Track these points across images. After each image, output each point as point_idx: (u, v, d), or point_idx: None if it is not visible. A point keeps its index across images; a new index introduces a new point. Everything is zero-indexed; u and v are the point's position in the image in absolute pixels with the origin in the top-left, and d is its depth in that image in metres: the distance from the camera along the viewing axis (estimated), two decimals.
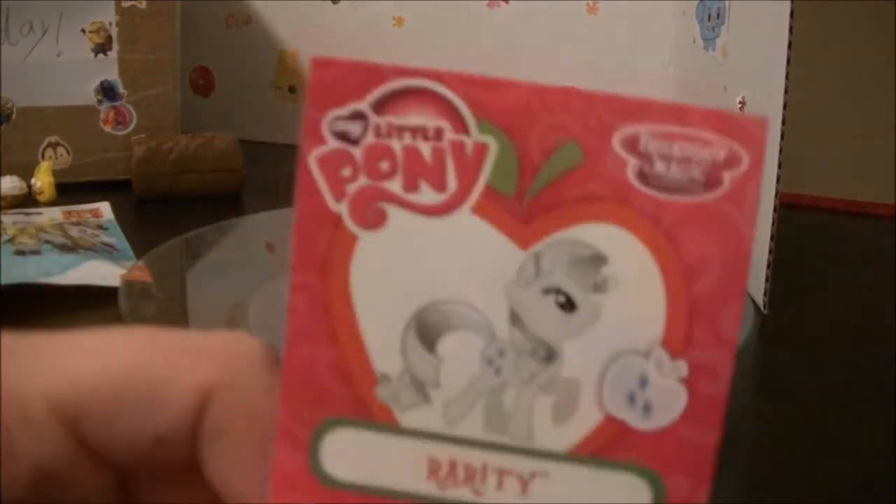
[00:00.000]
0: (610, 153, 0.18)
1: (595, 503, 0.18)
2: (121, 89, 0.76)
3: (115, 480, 0.20)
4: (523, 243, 0.18)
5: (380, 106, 0.18)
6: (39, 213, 0.66)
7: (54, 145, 0.75)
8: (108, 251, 0.58)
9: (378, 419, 0.19)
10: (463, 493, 0.19)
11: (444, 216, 0.18)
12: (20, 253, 0.55)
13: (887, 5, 0.70)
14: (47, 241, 0.57)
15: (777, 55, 0.51)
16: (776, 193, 0.51)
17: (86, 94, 0.75)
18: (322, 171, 0.18)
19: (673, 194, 0.18)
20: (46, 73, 0.74)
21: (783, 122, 0.51)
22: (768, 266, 0.52)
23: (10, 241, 0.57)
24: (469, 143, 0.18)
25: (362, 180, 0.18)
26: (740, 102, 0.58)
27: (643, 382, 0.18)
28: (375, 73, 0.18)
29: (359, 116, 0.18)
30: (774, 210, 0.51)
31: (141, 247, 0.58)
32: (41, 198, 0.71)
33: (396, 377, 0.19)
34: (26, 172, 0.72)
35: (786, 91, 0.50)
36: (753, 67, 0.57)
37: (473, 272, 0.18)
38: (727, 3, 0.63)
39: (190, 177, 0.72)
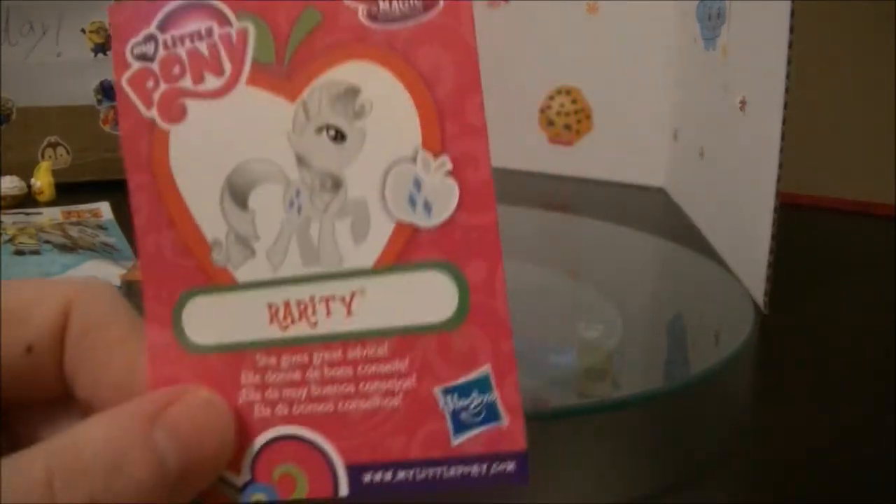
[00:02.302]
0: (342, 7, 0.21)
1: (409, 305, 0.21)
2: None
3: None
4: (291, 97, 0.21)
5: (164, 26, 0.22)
6: (39, 213, 0.66)
7: (54, 145, 0.75)
8: (107, 251, 0.58)
9: (220, 282, 0.22)
10: (301, 328, 0.21)
11: (227, 95, 0.22)
12: (20, 253, 0.55)
13: (887, 5, 0.70)
14: (47, 241, 0.57)
15: (777, 55, 0.51)
16: (776, 193, 0.51)
17: (86, 93, 0.75)
18: (133, 89, 0.22)
19: (400, 23, 0.21)
20: (46, 73, 0.74)
21: (783, 122, 0.51)
22: (768, 266, 0.52)
23: (10, 241, 0.57)
24: (233, 32, 0.22)
25: (162, 86, 0.22)
26: (741, 102, 0.58)
27: (417, 184, 0.21)
28: (155, 3, 0.22)
29: (150, 38, 0.22)
30: (774, 210, 0.51)
31: None
32: (41, 198, 0.71)
33: (224, 240, 0.22)
34: (26, 172, 0.72)
35: (786, 91, 0.50)
36: (753, 67, 0.57)
37: (260, 132, 0.22)
38: (727, 2, 0.63)
39: None
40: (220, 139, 0.22)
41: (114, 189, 0.77)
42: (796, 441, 0.41)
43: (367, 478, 0.21)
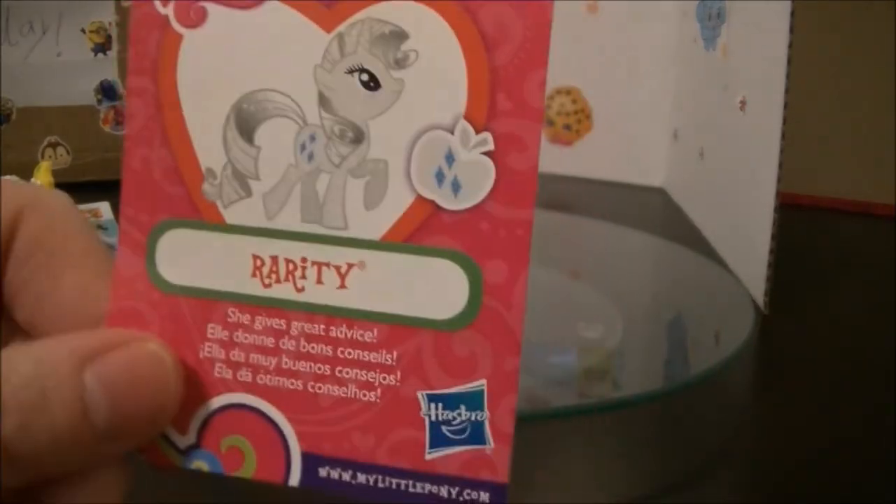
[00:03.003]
0: None
1: (411, 292, 0.18)
2: (121, 89, 0.76)
3: None
4: (328, 26, 0.19)
5: None
6: None
7: (54, 145, 0.75)
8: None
9: (205, 217, 0.19)
10: (285, 289, 0.19)
11: (255, 8, 0.19)
12: None
13: (887, 5, 0.70)
14: None
15: (777, 55, 0.51)
16: (776, 193, 0.51)
17: (86, 93, 0.75)
18: None
19: None
20: (46, 73, 0.74)
21: (783, 122, 0.51)
22: (768, 266, 0.52)
23: None
24: None
25: None
26: (740, 102, 0.58)
27: (450, 158, 0.18)
28: None
29: None
30: (774, 210, 0.51)
31: None
32: None
33: (220, 172, 0.19)
34: (26, 172, 0.71)
35: (786, 91, 0.50)
36: (753, 67, 0.57)
37: (284, 60, 0.19)
38: (727, 2, 0.63)
39: None
40: (237, 57, 0.19)
41: (114, 189, 0.76)
42: (796, 441, 0.41)
43: (323, 472, 0.19)
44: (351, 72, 0.19)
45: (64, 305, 0.19)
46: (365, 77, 0.18)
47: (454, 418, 0.18)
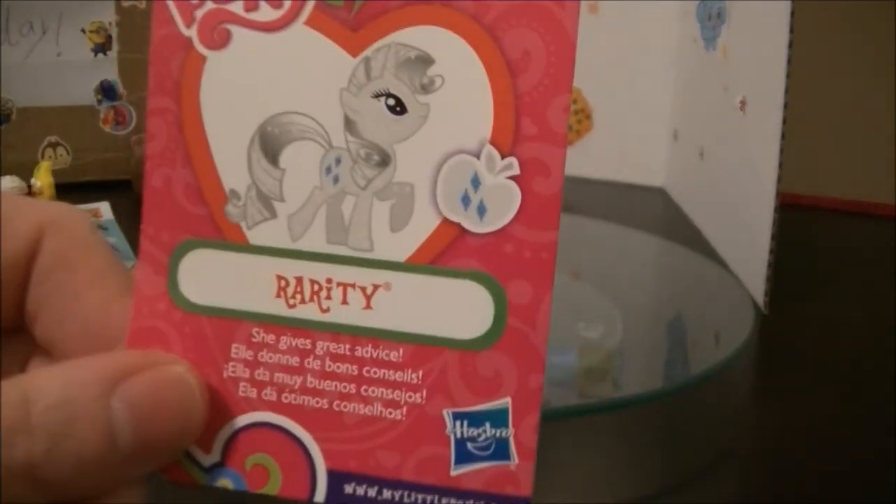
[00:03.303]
0: None
1: (436, 313, 0.19)
2: (120, 89, 0.76)
3: None
4: (354, 50, 0.19)
5: None
6: None
7: (54, 145, 0.75)
8: None
9: (229, 238, 0.19)
10: (310, 310, 0.19)
11: (280, 31, 0.19)
12: None
13: (887, 5, 0.70)
14: None
15: (777, 55, 0.51)
16: (776, 193, 0.51)
17: (86, 93, 0.75)
18: (174, 1, 0.19)
19: None
20: (46, 73, 0.74)
21: (783, 122, 0.51)
22: (768, 266, 0.52)
23: None
24: None
25: (209, 4, 0.19)
26: (740, 102, 0.58)
27: (476, 182, 0.18)
28: None
29: None
30: (774, 210, 0.51)
31: None
32: (41, 198, 0.71)
33: (244, 193, 0.19)
34: (26, 172, 0.71)
35: (786, 91, 0.50)
36: (753, 67, 0.57)
37: (309, 83, 0.19)
38: (727, 2, 0.63)
39: None
40: (262, 79, 0.19)
41: (114, 189, 0.77)
42: (796, 441, 0.41)
43: (348, 489, 0.19)
44: (377, 96, 0.19)
45: (84, 323, 0.19)
46: (391, 101, 0.19)
47: (479, 435, 0.19)
